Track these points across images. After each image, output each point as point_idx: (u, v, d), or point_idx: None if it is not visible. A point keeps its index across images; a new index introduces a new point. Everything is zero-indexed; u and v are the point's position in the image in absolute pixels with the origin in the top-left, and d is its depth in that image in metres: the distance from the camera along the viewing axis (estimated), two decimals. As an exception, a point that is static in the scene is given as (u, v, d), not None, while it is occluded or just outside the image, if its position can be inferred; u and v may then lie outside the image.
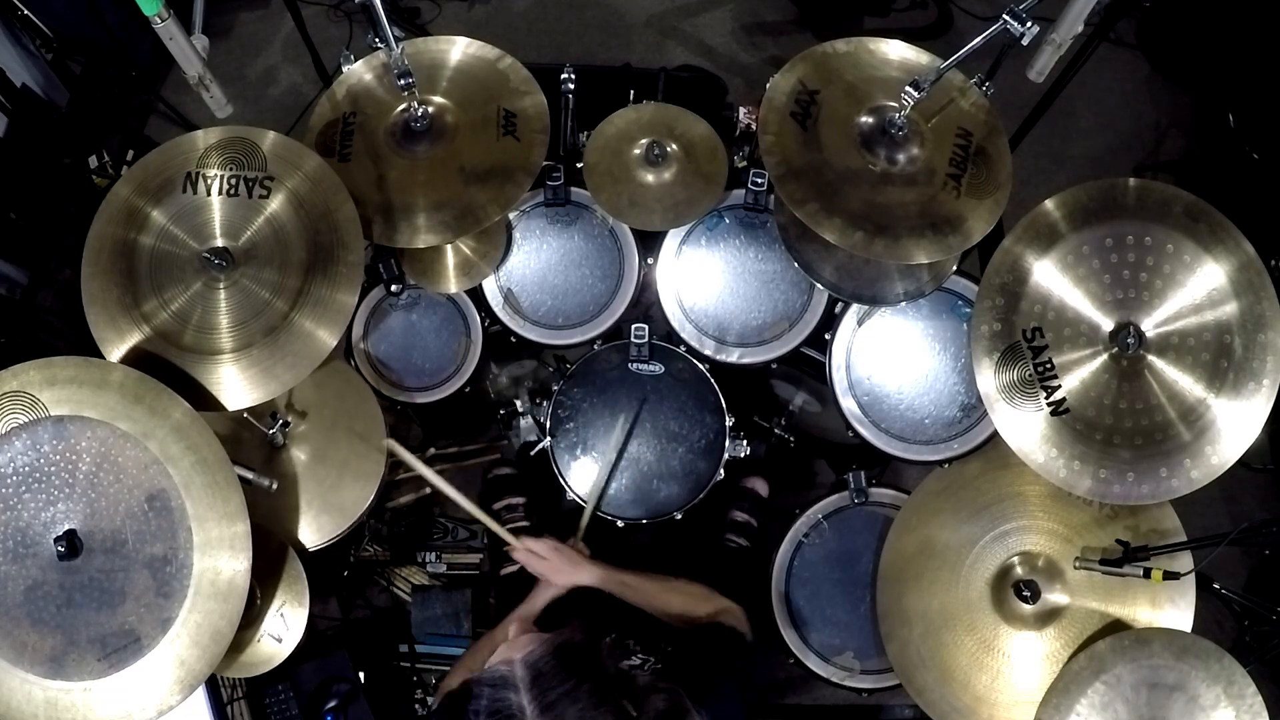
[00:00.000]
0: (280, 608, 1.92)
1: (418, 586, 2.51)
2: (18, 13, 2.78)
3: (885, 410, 2.13)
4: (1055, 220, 1.78)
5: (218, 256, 1.76)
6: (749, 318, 2.19)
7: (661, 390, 2.16)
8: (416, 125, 2.02)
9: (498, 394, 2.58)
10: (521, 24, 3.40)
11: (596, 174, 2.15)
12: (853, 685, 2.09)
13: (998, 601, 1.91)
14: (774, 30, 3.41)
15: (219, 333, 1.77)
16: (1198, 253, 1.71)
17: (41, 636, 1.60)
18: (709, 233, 2.21)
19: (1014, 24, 1.72)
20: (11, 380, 1.63)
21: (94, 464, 1.62)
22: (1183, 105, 3.26)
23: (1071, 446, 1.74)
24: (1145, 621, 1.85)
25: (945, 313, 2.15)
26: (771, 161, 1.91)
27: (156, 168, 1.85)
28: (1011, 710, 1.86)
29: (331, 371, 2.03)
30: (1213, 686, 1.69)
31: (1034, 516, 1.93)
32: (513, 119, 2.03)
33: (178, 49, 2.04)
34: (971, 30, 2.21)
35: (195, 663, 1.61)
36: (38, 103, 2.94)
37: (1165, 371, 1.72)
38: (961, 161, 1.92)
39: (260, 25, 3.42)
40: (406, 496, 2.57)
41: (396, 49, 1.90)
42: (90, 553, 1.60)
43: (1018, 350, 1.78)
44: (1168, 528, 1.88)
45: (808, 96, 1.95)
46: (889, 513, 2.11)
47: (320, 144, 2.03)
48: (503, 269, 2.22)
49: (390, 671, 2.36)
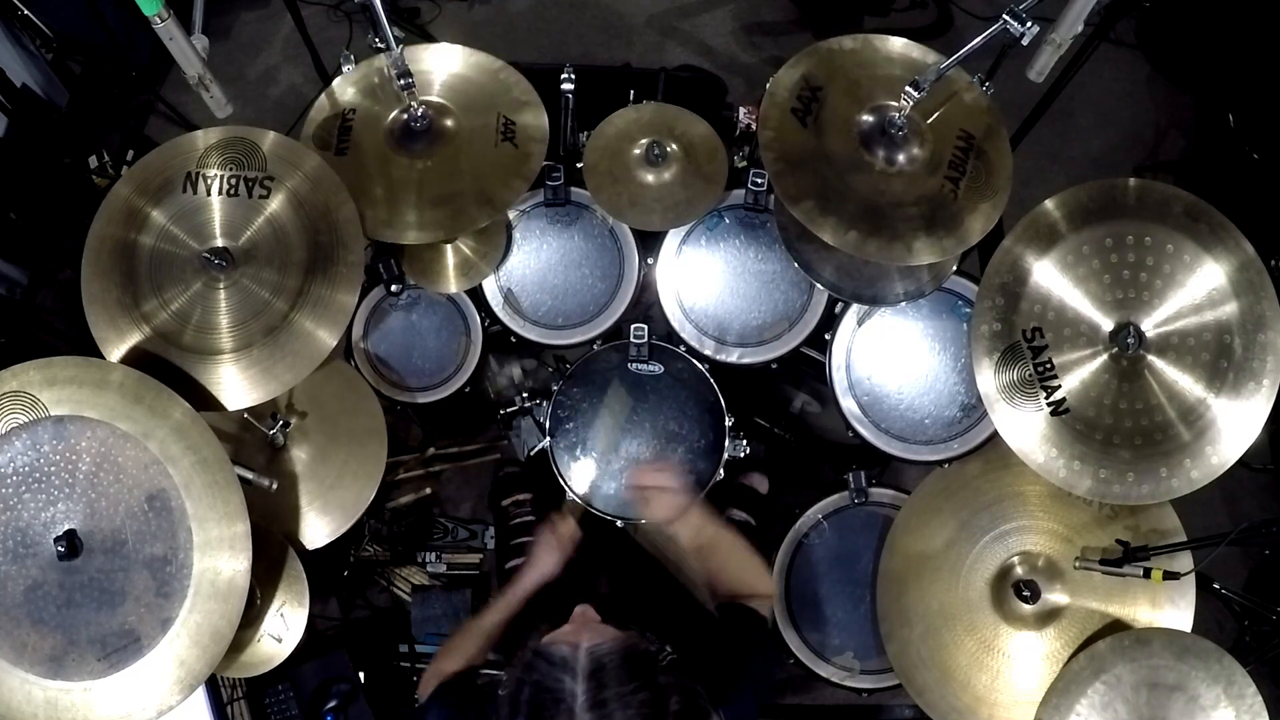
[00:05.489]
0: (280, 608, 1.92)
1: (418, 586, 2.51)
2: (18, 13, 2.77)
3: (885, 410, 2.13)
4: (1055, 220, 1.78)
5: (218, 256, 1.76)
6: (749, 318, 2.19)
7: (661, 390, 2.16)
8: (416, 125, 2.02)
9: (498, 394, 2.58)
10: (521, 24, 3.40)
11: (596, 174, 2.15)
12: (853, 685, 2.09)
13: (998, 601, 1.91)
14: (774, 30, 3.40)
15: (219, 333, 1.77)
16: (1198, 253, 1.71)
17: (41, 636, 1.60)
18: (709, 233, 2.21)
19: (1014, 24, 1.72)
20: (11, 380, 1.63)
21: (94, 464, 1.62)
22: (1183, 105, 3.25)
23: (1071, 446, 1.74)
24: (1145, 621, 1.85)
25: (945, 313, 2.15)
26: (770, 157, 1.91)
27: (156, 168, 1.85)
28: (1011, 710, 1.86)
29: (331, 371, 2.03)
30: (1213, 686, 1.69)
31: (1034, 516, 1.93)
32: (512, 126, 2.03)
33: (178, 49, 2.04)
34: (971, 30, 2.20)
35: (195, 663, 1.61)
36: (38, 103, 2.94)
37: (1165, 371, 1.72)
38: (961, 163, 1.92)
39: (260, 25, 3.42)
40: (406, 496, 2.57)
41: (396, 49, 1.90)
42: (90, 553, 1.60)
43: (1018, 350, 1.78)
44: (1168, 528, 1.88)
45: (810, 93, 1.95)
46: (889, 513, 2.11)
47: (318, 138, 2.03)
48: (503, 269, 2.22)
49: (390, 671, 2.37)
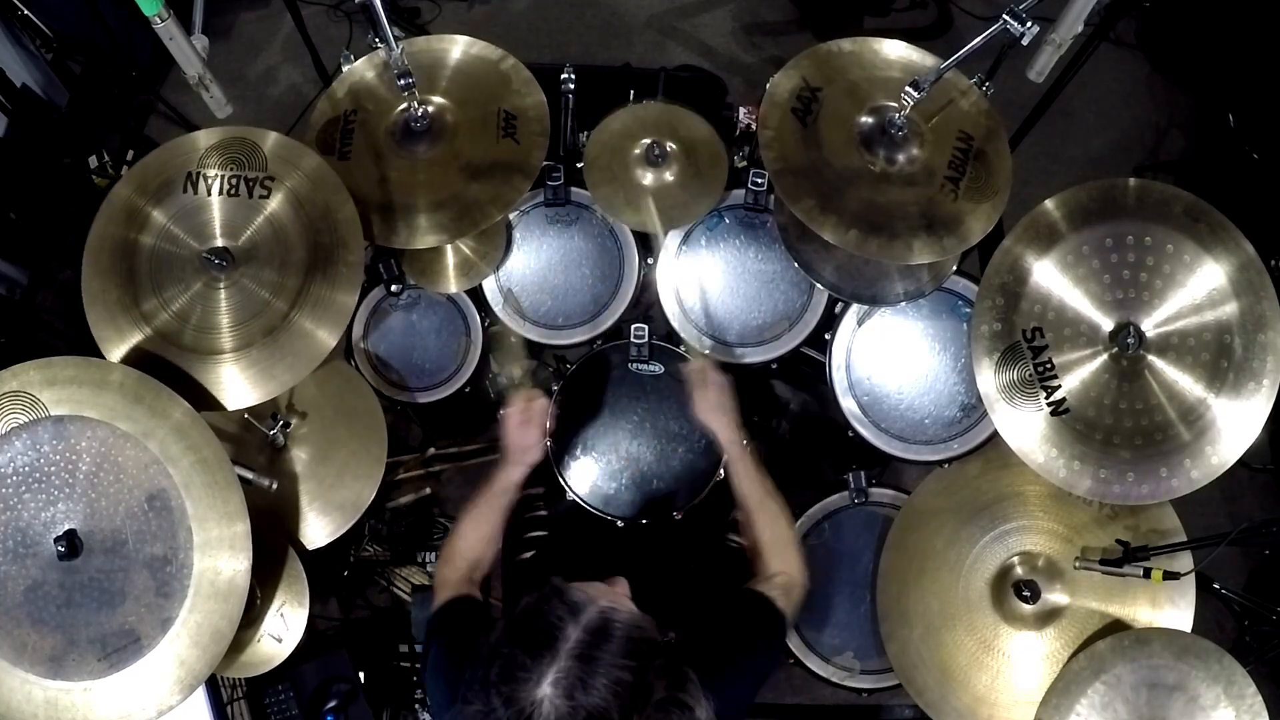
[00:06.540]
0: (280, 608, 1.92)
1: (418, 586, 2.51)
2: (18, 13, 2.78)
3: (885, 410, 2.13)
4: (1055, 220, 1.78)
5: (218, 256, 1.76)
6: (749, 318, 2.19)
7: (661, 390, 2.16)
8: (416, 125, 2.02)
9: (498, 394, 2.58)
10: (521, 24, 3.40)
11: (596, 173, 2.15)
12: (853, 685, 2.09)
13: (998, 601, 1.91)
14: (774, 30, 3.41)
15: (219, 333, 1.77)
16: (1198, 253, 1.71)
17: (41, 636, 1.60)
18: (709, 233, 2.21)
19: (1014, 24, 1.71)
20: (11, 380, 1.64)
21: (94, 464, 1.62)
22: (1183, 105, 3.25)
23: (1071, 446, 1.74)
24: (1145, 621, 1.85)
25: (945, 313, 2.14)
26: (770, 156, 1.91)
27: (156, 168, 1.85)
28: (1011, 710, 1.86)
29: (331, 371, 2.03)
30: (1213, 686, 1.69)
31: (1034, 516, 1.93)
32: (513, 120, 2.03)
33: (178, 49, 2.04)
34: (971, 30, 2.20)
35: (195, 663, 1.61)
36: (38, 103, 2.94)
37: (1165, 371, 1.72)
38: (961, 164, 1.92)
39: (260, 25, 3.42)
40: (406, 496, 2.57)
41: (396, 49, 1.90)
42: (90, 553, 1.60)
43: (1018, 350, 1.78)
44: (1168, 528, 1.88)
45: (810, 94, 1.95)
46: (889, 513, 2.11)
47: (320, 141, 2.03)
48: (503, 269, 2.22)
49: (390, 671, 2.36)
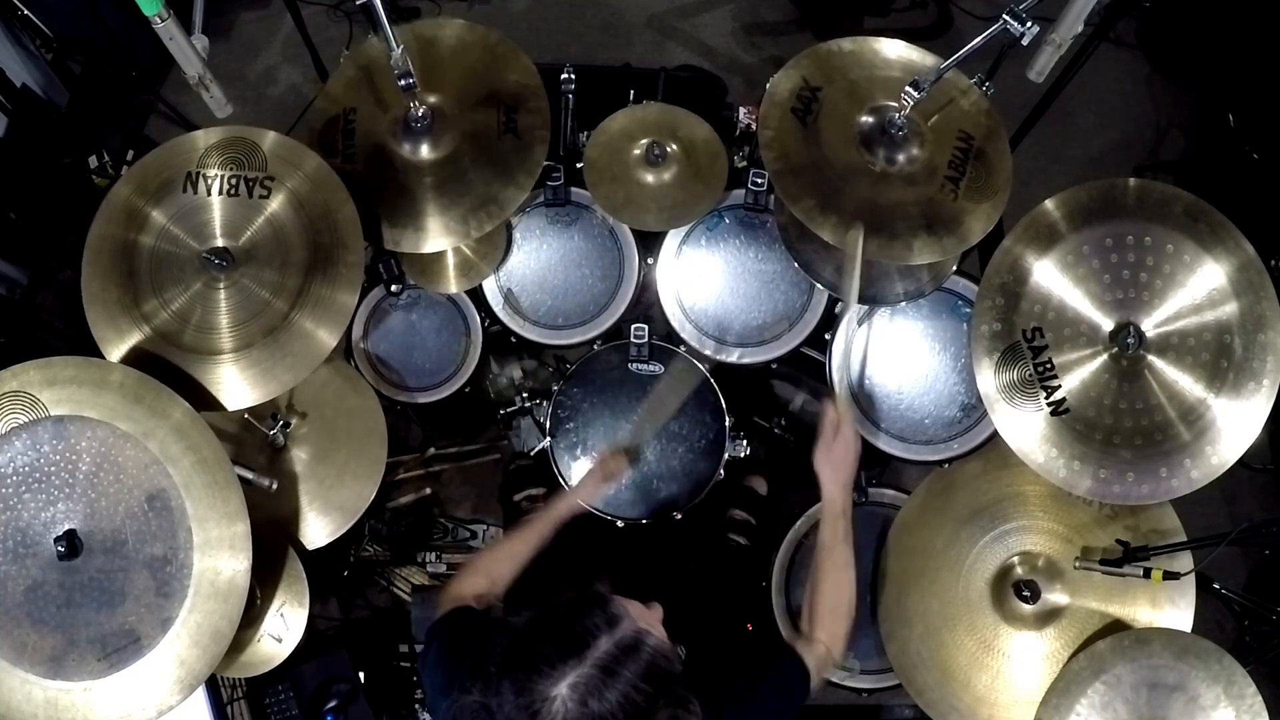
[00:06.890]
0: (280, 608, 1.92)
1: (418, 586, 2.51)
2: (18, 13, 2.77)
3: (885, 410, 2.13)
4: (1055, 220, 1.78)
5: (218, 256, 1.76)
6: (749, 318, 2.19)
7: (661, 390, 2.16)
8: (417, 125, 2.02)
9: (498, 394, 2.58)
10: (521, 24, 3.40)
11: (596, 173, 2.15)
12: (853, 685, 2.09)
13: (998, 601, 1.91)
14: (774, 30, 3.40)
15: (219, 333, 1.77)
16: (1198, 253, 1.71)
17: (41, 636, 1.60)
18: (709, 233, 2.21)
19: (1014, 24, 1.71)
20: (11, 380, 1.64)
21: (94, 464, 1.62)
22: (1183, 105, 3.25)
23: (1071, 446, 1.74)
24: (1145, 621, 1.85)
25: (945, 313, 2.14)
26: (770, 156, 1.91)
27: (156, 168, 1.85)
28: (1011, 710, 1.86)
29: (332, 371, 2.03)
30: (1213, 686, 1.69)
31: (1034, 516, 1.93)
32: (514, 115, 2.02)
33: (178, 49, 2.04)
34: (971, 30, 2.20)
35: (195, 663, 1.61)
36: (38, 103, 2.94)
37: (1165, 371, 1.72)
38: (961, 164, 1.92)
39: (260, 25, 3.42)
40: (406, 496, 2.57)
41: (397, 49, 1.90)
42: (90, 553, 1.60)
43: (1018, 350, 1.78)
44: (1168, 528, 1.88)
45: (810, 93, 1.95)
46: (889, 513, 2.11)
47: (322, 144, 2.02)
48: (503, 269, 2.22)
49: (390, 671, 2.36)
